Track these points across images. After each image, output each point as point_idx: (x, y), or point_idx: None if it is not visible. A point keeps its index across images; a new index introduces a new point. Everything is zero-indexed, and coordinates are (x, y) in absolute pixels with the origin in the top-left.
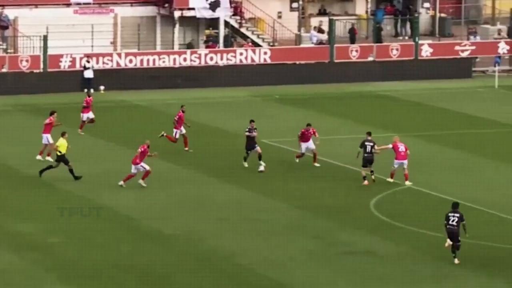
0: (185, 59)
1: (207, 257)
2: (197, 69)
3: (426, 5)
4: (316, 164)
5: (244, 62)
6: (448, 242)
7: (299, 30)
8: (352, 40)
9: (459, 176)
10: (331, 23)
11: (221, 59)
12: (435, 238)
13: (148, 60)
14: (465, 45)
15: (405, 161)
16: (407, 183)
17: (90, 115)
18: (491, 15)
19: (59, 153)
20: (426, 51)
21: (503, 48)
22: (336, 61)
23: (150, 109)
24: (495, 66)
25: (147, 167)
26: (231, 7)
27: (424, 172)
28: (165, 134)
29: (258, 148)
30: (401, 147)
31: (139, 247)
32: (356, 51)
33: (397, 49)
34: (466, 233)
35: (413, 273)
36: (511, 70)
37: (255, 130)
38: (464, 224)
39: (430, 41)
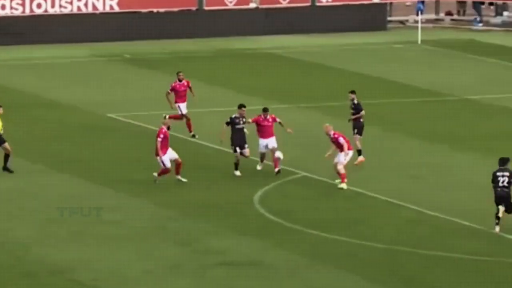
0: (3, 7)
1: (32, 272)
2: (18, 19)
3: None
4: (276, 169)
5: (84, 10)
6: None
7: None
8: None
9: (368, 159)
10: None
11: (52, 6)
12: (338, 242)
13: None
14: None
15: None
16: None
17: None
18: None
19: None
20: None
21: None
22: (206, 8)
23: None
24: (417, 15)
25: (168, 164)
26: None
27: (322, 155)
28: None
29: (246, 150)
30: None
31: None
32: None
33: None
34: None
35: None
36: (438, 19)
37: (243, 120)
38: None
39: None
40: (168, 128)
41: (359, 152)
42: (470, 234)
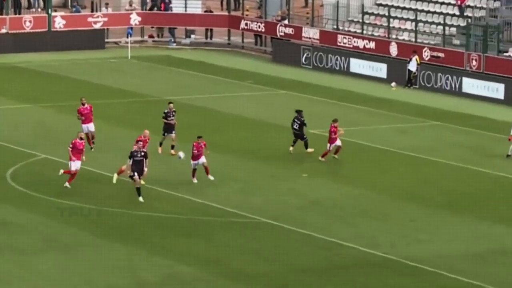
0: None
1: None
2: None
3: None
4: (211, 177)
5: None
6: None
7: None
8: (1, 8)
9: (99, 145)
10: None
11: None
12: (74, 208)
13: None
14: (97, 17)
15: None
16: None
17: None
18: None
19: None
20: (59, 23)
21: (135, 19)
22: None
23: None
24: (127, 37)
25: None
26: None
27: (55, 141)
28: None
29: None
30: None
31: None
32: None
33: (30, 21)
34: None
35: (49, 241)
36: (143, 41)
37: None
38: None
39: (63, 13)
40: (81, 139)
41: (172, 146)
42: (169, 199)
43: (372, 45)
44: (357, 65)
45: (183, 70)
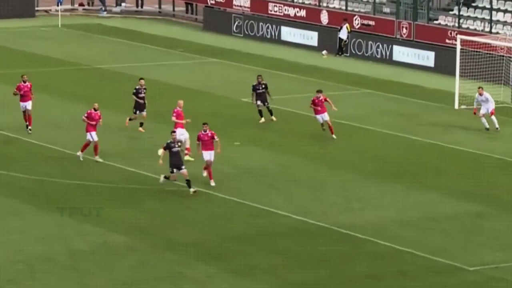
0: None
1: None
2: None
3: None
4: (212, 183)
5: None
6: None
7: None
8: None
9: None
10: None
11: None
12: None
13: None
14: None
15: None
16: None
17: None
18: None
19: None
20: None
21: None
22: None
23: None
24: (58, 6)
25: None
26: None
27: None
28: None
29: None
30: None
31: None
32: None
33: None
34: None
35: None
36: (73, 9)
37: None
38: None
39: None
40: (95, 110)
41: (141, 124)
42: (101, 168)
43: (303, 13)
44: (288, 33)
45: (114, 39)
